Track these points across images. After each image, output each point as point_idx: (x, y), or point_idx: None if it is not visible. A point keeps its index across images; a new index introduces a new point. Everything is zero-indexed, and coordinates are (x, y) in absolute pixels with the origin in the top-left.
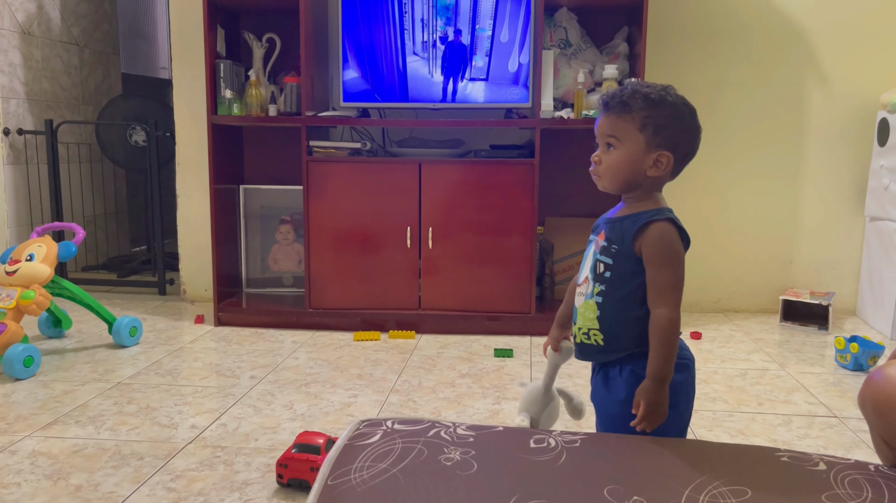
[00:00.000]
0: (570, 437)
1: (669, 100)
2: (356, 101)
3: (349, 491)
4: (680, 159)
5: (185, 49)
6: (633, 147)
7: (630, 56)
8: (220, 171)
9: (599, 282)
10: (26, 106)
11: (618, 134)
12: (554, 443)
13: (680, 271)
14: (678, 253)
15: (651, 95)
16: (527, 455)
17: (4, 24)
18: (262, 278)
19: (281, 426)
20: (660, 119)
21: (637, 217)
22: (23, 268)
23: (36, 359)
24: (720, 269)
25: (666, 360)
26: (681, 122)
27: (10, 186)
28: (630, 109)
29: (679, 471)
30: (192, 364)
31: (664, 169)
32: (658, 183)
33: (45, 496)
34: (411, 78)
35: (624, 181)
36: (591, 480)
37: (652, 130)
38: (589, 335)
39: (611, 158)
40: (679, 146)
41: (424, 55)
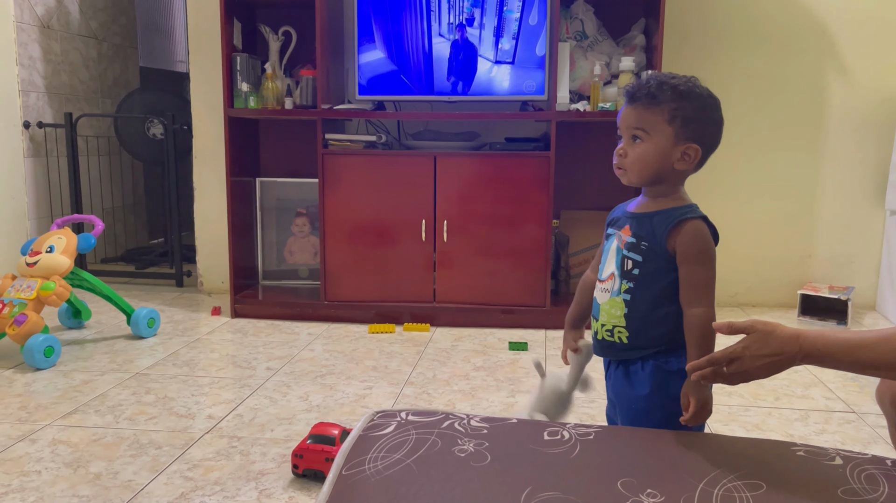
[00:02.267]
0: (584, 430)
1: (697, 91)
2: (372, 94)
3: (363, 481)
4: (706, 152)
5: (202, 42)
6: (661, 140)
7: (647, 48)
8: (236, 164)
9: (627, 279)
10: (46, 99)
11: (646, 126)
12: (568, 436)
13: (714, 270)
14: (712, 252)
15: (679, 87)
16: (540, 447)
17: (24, 18)
18: (278, 270)
19: (296, 417)
20: (688, 111)
21: (668, 214)
22: (43, 260)
23: (56, 349)
24: (737, 263)
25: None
26: (708, 115)
27: (30, 179)
28: (658, 101)
29: (693, 464)
30: (209, 355)
31: (692, 162)
32: (683, 176)
33: (65, 484)
34: (437, 60)
35: (651, 174)
36: (605, 473)
37: (681, 123)
38: (613, 332)
39: (638, 151)
40: (706, 138)
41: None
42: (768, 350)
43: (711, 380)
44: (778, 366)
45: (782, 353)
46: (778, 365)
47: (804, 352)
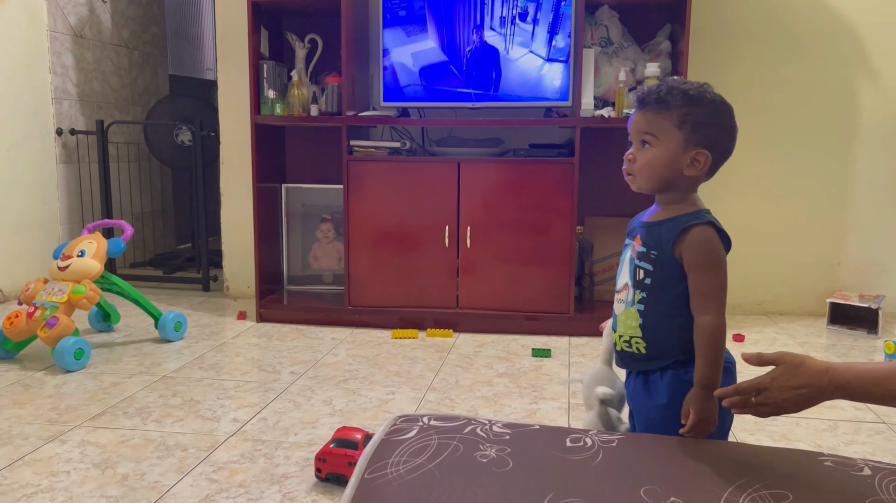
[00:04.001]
0: (607, 437)
1: (708, 97)
2: (396, 101)
3: (386, 485)
4: (717, 158)
5: (230, 50)
6: (670, 145)
7: (672, 54)
8: (262, 170)
9: (640, 289)
10: (78, 107)
11: (655, 131)
12: (590, 443)
13: (723, 276)
14: (720, 257)
15: (689, 92)
16: (563, 454)
17: (57, 27)
18: (302, 275)
19: (320, 421)
20: (698, 116)
21: (675, 221)
22: (74, 264)
23: (86, 351)
24: (765, 271)
25: (713, 368)
26: (719, 120)
27: (62, 184)
28: (668, 106)
29: (718, 472)
30: (235, 359)
31: (702, 168)
32: (694, 183)
33: (94, 484)
34: (460, 66)
35: (660, 180)
36: (628, 480)
37: (691, 128)
38: (630, 343)
39: (647, 157)
40: (717, 145)
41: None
42: (796, 382)
43: (740, 410)
44: (807, 399)
45: (810, 386)
46: (807, 398)
47: (834, 384)
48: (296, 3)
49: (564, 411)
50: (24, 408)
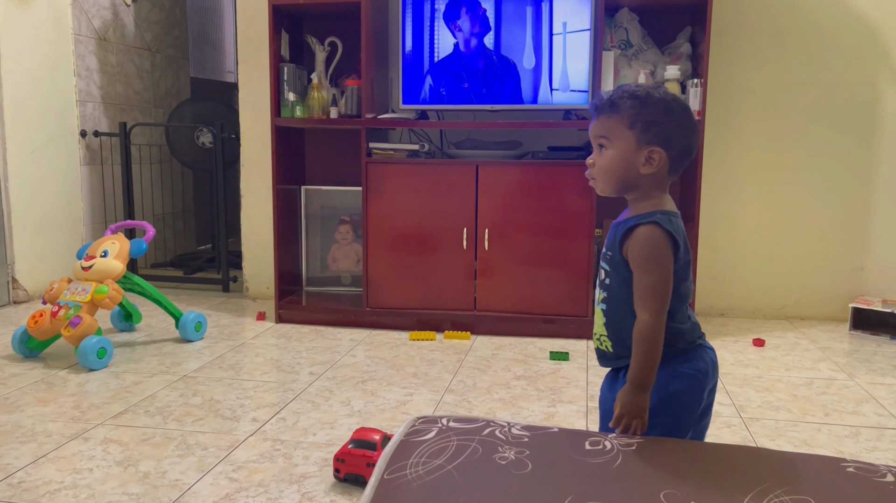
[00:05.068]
0: (626, 441)
1: (657, 96)
2: (415, 104)
3: (405, 485)
4: (676, 156)
5: (251, 53)
6: (623, 145)
7: (693, 56)
8: (282, 172)
9: (602, 289)
10: (102, 109)
11: (608, 134)
12: (609, 446)
13: (662, 275)
14: (660, 257)
15: (638, 93)
16: (582, 457)
17: (82, 30)
18: (321, 277)
19: (338, 422)
20: (648, 115)
21: (628, 221)
22: (98, 264)
23: (108, 350)
24: (785, 275)
25: (643, 367)
26: (671, 118)
27: (86, 186)
28: (618, 109)
29: (739, 477)
30: (254, 359)
31: (657, 165)
32: (656, 182)
33: (116, 481)
34: (477, 70)
35: (617, 180)
36: (647, 484)
37: (641, 127)
38: (601, 341)
39: (604, 159)
40: (672, 142)
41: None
42: None
43: None
44: None
45: None
46: None
47: None
48: (316, 6)
49: (583, 414)
50: (48, 406)
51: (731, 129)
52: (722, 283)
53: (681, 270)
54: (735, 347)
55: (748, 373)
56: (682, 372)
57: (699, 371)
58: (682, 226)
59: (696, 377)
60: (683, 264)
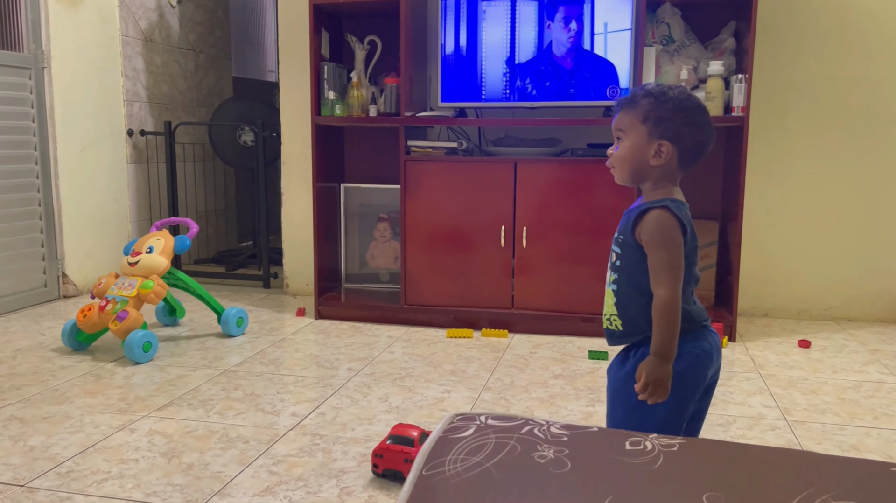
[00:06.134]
0: (668, 442)
1: (671, 95)
2: (453, 101)
3: (443, 482)
4: (686, 151)
5: (292, 53)
6: (636, 138)
7: (737, 51)
8: (322, 170)
9: (613, 271)
10: (147, 108)
11: (624, 127)
12: (650, 447)
13: (674, 253)
14: (672, 236)
15: (653, 91)
16: (622, 457)
17: (129, 32)
18: (359, 274)
19: (376, 417)
20: (660, 112)
21: (640, 207)
22: (143, 260)
23: (153, 344)
24: (832, 275)
25: (666, 339)
26: (682, 116)
27: (132, 184)
28: (635, 105)
29: (784, 481)
30: (294, 354)
31: (666, 158)
32: (666, 173)
33: (160, 472)
34: (518, 67)
35: (630, 170)
36: (689, 486)
37: (653, 122)
38: (611, 321)
39: (620, 150)
40: (682, 138)
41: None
42: None
43: None
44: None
45: None
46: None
47: None
48: (356, 5)
49: None
50: (96, 398)
51: (776, 126)
52: (766, 283)
53: (689, 255)
54: (780, 349)
55: (793, 375)
56: (687, 350)
57: (703, 351)
58: (689, 214)
59: (700, 356)
60: (690, 249)
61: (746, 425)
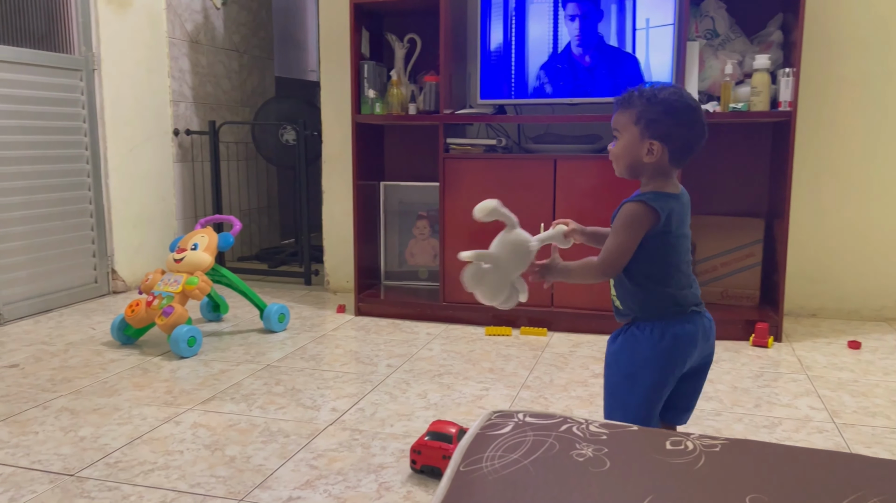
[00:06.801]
0: (710, 442)
1: (661, 96)
2: (493, 98)
3: (481, 478)
4: (676, 149)
5: (333, 52)
6: (630, 137)
7: (784, 45)
8: (362, 169)
9: None
10: (193, 108)
11: (620, 127)
12: (692, 447)
13: (625, 240)
14: (631, 227)
15: (645, 93)
16: (662, 456)
17: (175, 33)
18: (399, 271)
19: (415, 414)
20: (651, 114)
21: (626, 199)
22: (188, 257)
23: (198, 339)
24: (884, 274)
25: (571, 273)
26: (672, 117)
27: (178, 182)
28: (629, 106)
29: (831, 484)
30: (334, 350)
31: (657, 156)
32: (658, 169)
33: (205, 464)
34: (558, 63)
35: (626, 166)
36: (732, 487)
37: (644, 123)
38: (614, 300)
39: (617, 148)
40: (672, 138)
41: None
42: None
43: None
44: None
45: None
46: None
47: None
48: (396, 4)
49: None
50: (143, 391)
51: (825, 121)
52: (814, 282)
53: (673, 242)
54: (828, 349)
55: (842, 376)
56: (670, 332)
57: (686, 333)
58: (674, 205)
59: (682, 338)
60: (674, 238)
61: (793, 427)
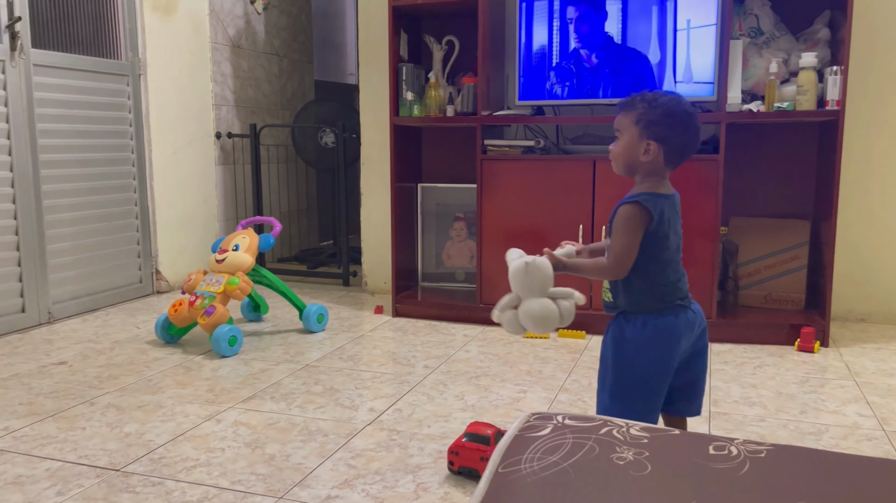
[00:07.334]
0: (755, 447)
1: (661, 101)
2: (531, 99)
3: (519, 480)
4: (671, 151)
5: (371, 55)
6: (629, 137)
7: (832, 42)
8: (400, 170)
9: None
10: (234, 112)
11: (621, 127)
12: (736, 452)
13: (628, 240)
14: (631, 227)
15: (647, 97)
16: (705, 461)
17: (218, 38)
18: (436, 273)
19: (452, 415)
20: (650, 116)
21: (621, 201)
22: (230, 258)
23: (239, 339)
24: None
25: (582, 270)
26: (670, 120)
27: (220, 184)
28: (630, 108)
29: (882, 493)
30: (372, 351)
31: (653, 156)
32: (654, 168)
33: (245, 461)
34: (596, 64)
35: (624, 164)
36: (778, 495)
37: (643, 125)
38: (606, 293)
39: (617, 147)
40: (668, 139)
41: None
42: None
43: None
44: None
45: None
46: None
47: None
48: (434, 6)
49: (705, 419)
50: (186, 389)
51: (875, 120)
52: (863, 286)
53: (661, 241)
54: (877, 355)
55: (892, 383)
56: (652, 323)
57: (669, 324)
58: (665, 205)
59: (663, 329)
60: (663, 236)
61: (840, 434)
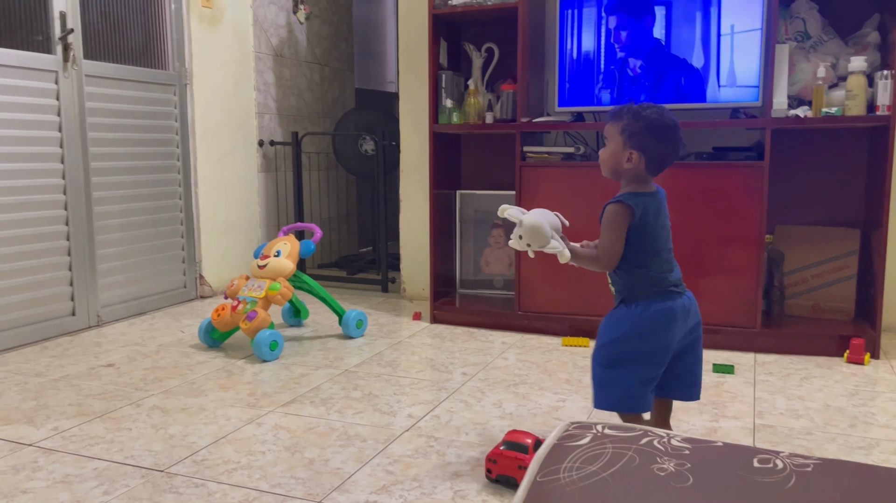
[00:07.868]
0: (801, 461)
1: (644, 114)
2: (571, 106)
3: (558, 489)
4: (651, 160)
5: (411, 63)
6: (614, 146)
7: (882, 46)
8: (439, 177)
9: None
10: (277, 120)
11: (608, 136)
12: (781, 465)
13: (614, 237)
14: (616, 224)
15: (633, 110)
16: (749, 474)
17: (261, 48)
18: (474, 280)
19: (490, 423)
20: (634, 127)
21: (609, 201)
22: (271, 263)
23: (280, 343)
24: None
25: (578, 258)
26: (651, 132)
27: (262, 191)
28: (617, 119)
29: None
30: (410, 357)
31: (635, 164)
32: (636, 175)
33: (285, 465)
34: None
35: (610, 170)
36: None
37: (627, 135)
38: (610, 284)
39: (604, 153)
40: (649, 150)
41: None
42: None
43: None
44: None
45: None
46: None
47: None
48: (474, 14)
49: (749, 432)
50: (228, 392)
51: None
52: None
53: (648, 232)
54: None
55: None
56: (651, 307)
57: (666, 307)
58: (649, 201)
59: (661, 311)
60: (651, 229)
61: (891, 449)
